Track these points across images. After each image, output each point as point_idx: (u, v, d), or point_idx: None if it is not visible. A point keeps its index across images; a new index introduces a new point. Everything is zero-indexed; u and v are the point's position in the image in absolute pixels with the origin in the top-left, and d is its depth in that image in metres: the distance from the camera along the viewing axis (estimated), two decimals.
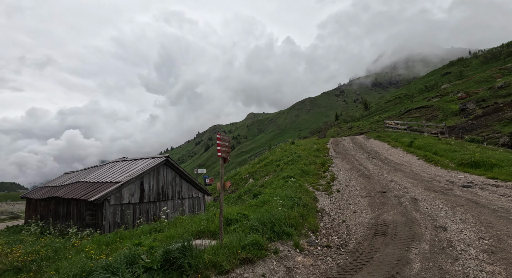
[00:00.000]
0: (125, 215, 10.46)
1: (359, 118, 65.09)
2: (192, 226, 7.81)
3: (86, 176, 14.61)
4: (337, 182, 13.30)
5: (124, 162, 14.24)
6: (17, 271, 6.39)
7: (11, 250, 8.27)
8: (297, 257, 5.77)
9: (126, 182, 10.55)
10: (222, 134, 6.89)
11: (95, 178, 13.25)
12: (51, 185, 17.98)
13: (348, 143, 28.19)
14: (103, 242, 7.42)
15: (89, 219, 10.65)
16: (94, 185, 11.90)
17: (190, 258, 5.11)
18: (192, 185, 13.43)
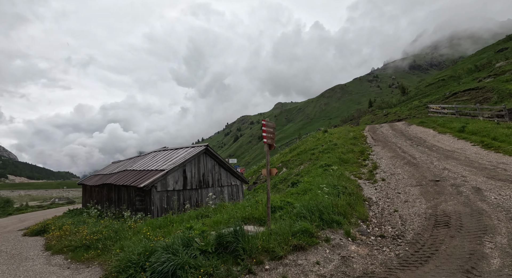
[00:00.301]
0: (170, 201, 11.04)
1: (396, 104, 60.71)
2: (237, 212, 7.95)
3: (132, 165, 15.68)
4: (381, 170, 12.58)
5: (166, 151, 14.97)
6: (86, 248, 7.10)
7: (77, 229, 9.24)
8: (350, 246, 5.55)
9: (171, 170, 11.07)
10: (267, 120, 6.77)
11: (140, 167, 14.15)
12: (102, 173, 19.69)
13: (386, 130, 26.52)
14: (156, 225, 7.90)
15: (139, 204, 11.45)
16: (141, 173, 12.71)
17: (244, 243, 5.17)
18: (230, 173, 13.70)
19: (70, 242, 7.65)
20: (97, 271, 5.77)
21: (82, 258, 6.57)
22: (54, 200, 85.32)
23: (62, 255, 7.25)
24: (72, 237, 8.01)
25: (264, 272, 4.75)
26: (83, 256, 6.67)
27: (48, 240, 9.00)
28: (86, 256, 6.59)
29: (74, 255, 6.93)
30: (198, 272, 4.65)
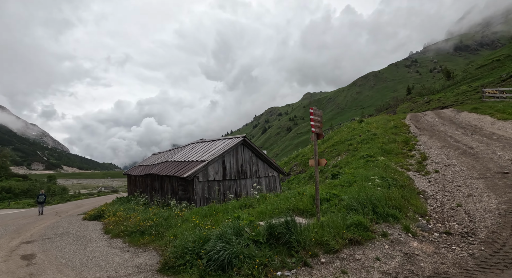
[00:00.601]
0: (212, 191, 11.34)
1: (440, 90, 55.31)
2: (280, 203, 7.85)
3: (172, 156, 16.41)
4: (431, 161, 11.53)
5: (203, 143, 15.37)
6: (141, 233, 7.57)
7: (129, 216, 9.93)
8: (412, 242, 5.12)
9: (211, 161, 11.32)
10: (315, 108, 6.45)
11: (181, 158, 14.73)
12: (144, 164, 21.00)
13: (432, 118, 24.34)
14: (202, 214, 8.14)
15: (181, 193, 11.95)
16: (182, 164, 13.23)
17: (297, 235, 5.04)
18: (268, 164, 13.64)
19: (126, 228, 8.23)
20: (153, 256, 6.10)
21: (138, 243, 7.01)
22: (101, 189, 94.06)
23: (120, 239, 7.83)
24: (127, 223, 8.60)
25: (321, 265, 4.58)
26: (139, 240, 7.12)
27: (106, 224, 9.81)
28: (142, 241, 7.01)
29: (131, 240, 7.43)
30: (253, 262, 4.64)
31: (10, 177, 73.37)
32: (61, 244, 7.71)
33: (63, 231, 9.73)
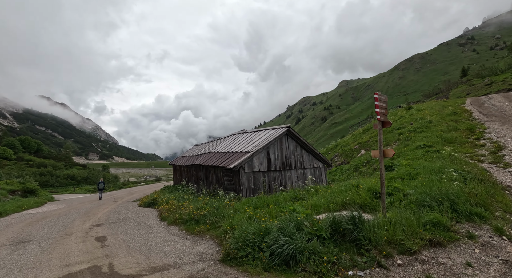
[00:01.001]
0: (257, 182, 11.30)
1: (505, 69, 47.73)
2: (335, 196, 7.41)
3: (215, 147, 16.78)
4: (510, 151, 9.92)
5: (245, 134, 15.37)
6: (195, 222, 7.82)
7: (181, 204, 10.39)
8: (510, 247, 4.35)
9: (256, 152, 11.22)
10: (379, 93, 5.80)
11: (224, 149, 14.96)
12: (188, 154, 21.96)
13: (500, 102, 21.14)
14: (252, 205, 8.09)
15: (227, 184, 12.14)
16: (226, 155, 13.41)
17: (367, 232, 4.61)
18: (313, 155, 13.14)
19: (181, 216, 8.59)
20: (211, 245, 6.20)
21: (195, 231, 7.23)
22: (146, 177, 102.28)
23: (176, 226, 8.19)
24: (181, 212, 8.98)
25: (398, 268, 4.13)
26: (195, 229, 7.34)
27: (161, 212, 10.41)
28: (198, 229, 7.22)
29: (187, 228, 7.71)
30: (320, 259, 4.37)
31: (73, 166, 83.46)
32: (126, 229, 8.34)
33: (124, 217, 10.58)
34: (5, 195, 19.23)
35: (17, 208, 15.26)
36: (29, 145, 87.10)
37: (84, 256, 5.86)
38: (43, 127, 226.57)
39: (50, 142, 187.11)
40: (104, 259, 5.61)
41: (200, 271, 4.75)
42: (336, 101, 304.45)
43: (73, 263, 5.50)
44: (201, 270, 4.81)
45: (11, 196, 19.85)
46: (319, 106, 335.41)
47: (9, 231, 8.83)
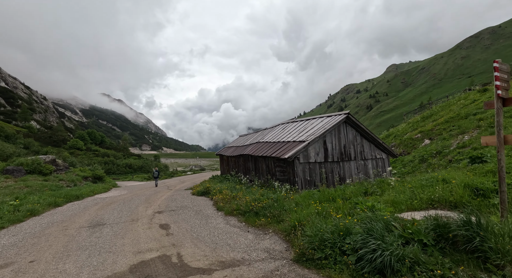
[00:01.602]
0: (313, 173, 10.52)
1: None
2: (420, 192, 6.27)
3: (263, 137, 16.36)
4: None
5: (296, 123, 14.57)
6: (254, 214, 7.46)
7: (235, 194, 10.20)
8: None
9: (312, 141, 10.40)
10: (500, 61, 4.47)
11: (273, 139, 14.42)
12: (235, 145, 22.08)
13: None
14: (315, 198, 7.39)
15: (279, 175, 11.61)
16: (276, 145, 12.85)
17: (495, 242, 3.56)
18: (375, 145, 11.78)
19: (238, 206, 8.33)
20: (276, 240, 5.73)
21: (255, 224, 6.85)
22: (192, 167, 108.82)
23: (235, 217, 7.96)
24: (238, 202, 8.74)
25: None
26: (255, 221, 6.97)
27: (215, 201, 10.39)
28: (258, 222, 6.82)
29: (246, 220, 7.39)
30: (428, 272, 3.50)
31: (129, 156, 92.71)
32: (186, 217, 8.42)
33: (182, 205, 10.85)
34: (79, 180, 21.86)
35: (89, 192, 17.10)
36: (95, 137, 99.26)
37: (153, 244, 5.91)
38: (104, 121, 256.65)
39: (110, 134, 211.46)
40: (171, 249, 5.54)
41: (274, 271, 4.28)
42: (384, 87, 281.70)
43: (144, 250, 5.55)
44: (274, 269, 4.34)
45: (84, 182, 22.53)
46: (364, 94, 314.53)
47: (86, 214, 9.68)
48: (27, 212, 9.41)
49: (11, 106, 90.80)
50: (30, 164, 20.42)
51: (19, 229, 7.68)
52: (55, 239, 6.52)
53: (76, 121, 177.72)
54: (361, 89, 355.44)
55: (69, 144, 76.72)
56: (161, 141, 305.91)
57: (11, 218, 8.47)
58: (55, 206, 11.60)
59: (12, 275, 4.59)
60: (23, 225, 8.10)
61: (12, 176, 18.61)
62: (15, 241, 6.46)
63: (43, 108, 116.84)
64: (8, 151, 33.27)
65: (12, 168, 19.18)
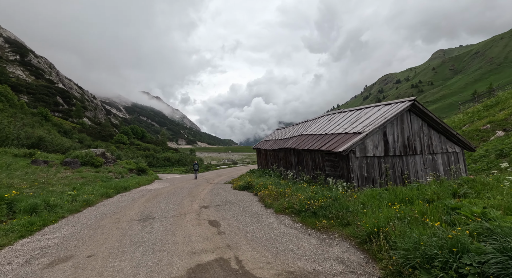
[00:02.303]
0: (371, 169, 9.29)
1: None
2: None
3: (305, 129, 15.32)
4: None
5: (343, 113, 13.26)
6: (312, 214, 6.63)
7: (282, 191, 9.46)
8: None
9: (370, 132, 9.14)
10: None
11: (317, 131, 13.33)
12: (273, 138, 21.34)
13: None
14: (386, 198, 6.29)
15: (329, 170, 10.57)
16: (324, 137, 11.77)
17: None
18: (446, 137, 10.07)
19: (290, 204, 7.58)
20: (348, 248, 4.85)
21: (316, 226, 6.03)
22: (224, 161, 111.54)
23: (287, 217, 7.22)
24: (289, 199, 7.98)
25: None
26: (315, 223, 6.14)
27: (261, 197, 9.77)
28: (319, 224, 5.99)
29: (302, 220, 6.61)
30: None
31: (167, 150, 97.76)
32: (234, 214, 7.92)
33: (226, 200, 10.45)
34: (126, 172, 23.11)
35: (135, 184, 17.83)
36: (136, 132, 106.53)
37: (206, 243, 5.43)
38: (145, 117, 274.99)
39: (150, 129, 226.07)
40: (228, 251, 4.99)
41: None
42: (428, 76, 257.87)
43: (198, 250, 5.09)
44: None
45: (130, 174, 23.79)
46: (405, 84, 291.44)
47: (135, 206, 9.76)
48: (83, 203, 9.79)
49: (67, 105, 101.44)
50: (84, 156, 22.04)
51: (77, 219, 7.88)
52: (110, 232, 6.43)
53: (120, 118, 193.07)
54: (401, 79, 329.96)
55: (115, 138, 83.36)
56: (195, 136, 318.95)
57: (70, 208, 8.81)
58: (106, 197, 12.07)
59: (72, 270, 4.42)
60: (80, 216, 8.33)
61: (70, 167, 20.22)
62: (73, 232, 6.53)
63: (93, 106, 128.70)
64: (66, 145, 36.79)
65: (69, 160, 20.85)
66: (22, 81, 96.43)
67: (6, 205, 7.52)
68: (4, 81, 78.53)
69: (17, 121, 39.25)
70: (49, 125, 61.03)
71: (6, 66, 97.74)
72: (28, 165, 18.56)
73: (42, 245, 5.61)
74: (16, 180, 12.93)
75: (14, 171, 15.41)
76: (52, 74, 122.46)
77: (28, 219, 6.94)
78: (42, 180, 14.86)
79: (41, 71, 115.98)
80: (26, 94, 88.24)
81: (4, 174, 13.83)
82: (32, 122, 50.40)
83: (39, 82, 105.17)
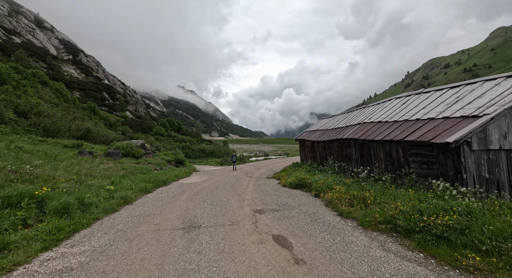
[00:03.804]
0: (495, 168, 6.53)
1: None
2: None
3: (367, 117, 12.63)
4: None
5: (426, 93, 10.30)
6: (437, 238, 4.30)
7: (358, 194, 7.20)
8: None
9: (498, 115, 6.35)
10: None
11: (388, 117, 10.63)
12: (319, 128, 18.83)
13: None
14: None
15: (416, 167, 7.97)
16: (403, 124, 9.10)
17: None
18: None
19: (387, 218, 5.31)
20: None
21: (459, 264, 3.72)
22: (256, 152, 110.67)
23: (387, 237, 4.99)
24: (384, 210, 5.71)
25: None
26: (451, 256, 3.84)
27: (329, 201, 7.62)
28: (466, 262, 3.67)
29: (419, 246, 4.34)
30: None
31: (202, 142, 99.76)
32: (302, 225, 5.93)
33: (281, 201, 8.52)
34: (164, 164, 22.62)
35: (174, 177, 16.91)
36: (173, 124, 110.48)
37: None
38: (180, 111, 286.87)
39: (185, 122, 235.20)
40: None
41: None
42: (486, 58, 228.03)
43: None
44: None
45: (168, 166, 23.29)
46: (455, 69, 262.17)
47: (176, 206, 8.35)
48: (121, 200, 8.66)
49: (112, 100, 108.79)
50: (125, 147, 21.93)
51: (112, 222, 6.61)
52: (147, 248, 4.90)
53: (158, 111, 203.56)
54: (450, 63, 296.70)
55: (154, 130, 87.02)
56: (228, 128, 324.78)
57: (106, 207, 7.65)
58: (146, 192, 11.00)
59: None
60: (116, 217, 7.09)
61: (112, 158, 20.14)
62: (105, 244, 5.14)
63: (134, 101, 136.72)
64: (111, 136, 38.35)
65: (112, 151, 20.81)
66: (74, 78, 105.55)
67: (36, 204, 6.49)
68: (60, 79, 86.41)
69: (69, 115, 42.09)
70: (96, 118, 65.48)
71: (61, 65, 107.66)
72: (75, 155, 18.76)
73: (64, 266, 4.22)
74: (59, 171, 12.52)
75: (60, 162, 15.34)
76: (99, 71, 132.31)
77: (56, 223, 5.77)
78: (85, 171, 14.49)
79: (90, 69, 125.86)
80: (78, 90, 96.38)
81: (50, 165, 13.60)
82: (83, 116, 54.22)
83: (88, 79, 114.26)
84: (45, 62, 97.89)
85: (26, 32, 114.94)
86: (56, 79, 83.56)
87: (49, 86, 64.75)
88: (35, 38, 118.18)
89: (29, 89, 44.36)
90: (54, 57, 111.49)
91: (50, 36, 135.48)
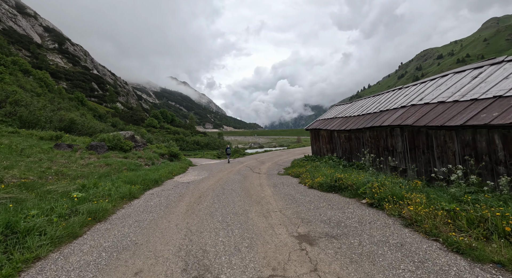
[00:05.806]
0: None
1: None
2: None
3: (416, 97, 9.95)
4: None
5: (482, 68, 7.64)
6: None
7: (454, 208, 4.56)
8: None
9: None
10: None
11: (453, 96, 7.99)
12: (337, 115, 16.10)
13: None
14: None
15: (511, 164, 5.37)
16: (475, 103, 6.47)
17: None
18: None
19: None
20: None
21: None
22: (251, 144, 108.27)
23: None
24: None
25: None
26: None
27: (411, 220, 4.94)
28: None
29: None
30: None
31: (196, 134, 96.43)
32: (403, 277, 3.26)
33: (328, 217, 5.82)
34: (157, 158, 19.72)
35: (168, 174, 14.15)
36: (166, 116, 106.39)
37: None
38: (173, 102, 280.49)
39: (178, 114, 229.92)
40: None
41: None
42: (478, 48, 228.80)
43: None
44: None
45: (161, 160, 20.41)
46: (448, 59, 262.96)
47: (172, 225, 5.58)
48: (88, 217, 5.83)
49: (101, 91, 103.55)
50: (111, 139, 18.87)
51: (58, 271, 3.81)
52: None
53: (150, 103, 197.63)
54: (443, 54, 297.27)
55: (146, 122, 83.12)
56: (222, 120, 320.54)
57: (59, 234, 4.74)
58: (129, 198, 8.19)
59: None
60: (70, 254, 4.28)
61: (96, 152, 17.12)
62: None
63: (125, 92, 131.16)
64: (99, 128, 34.88)
65: (95, 144, 17.75)
66: (60, 68, 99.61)
67: None
68: (44, 68, 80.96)
69: (53, 105, 38.27)
70: (84, 109, 61.36)
71: (46, 54, 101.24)
72: (51, 149, 15.67)
73: None
74: (15, 171, 9.53)
75: (25, 158, 12.29)
76: (87, 61, 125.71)
77: None
78: (56, 169, 11.53)
79: (77, 58, 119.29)
80: (64, 81, 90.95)
81: (6, 162, 10.55)
82: (69, 106, 50.20)
83: (75, 69, 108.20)
84: (28, 50, 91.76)
85: (7, 18, 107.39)
86: (40, 68, 78.21)
87: (32, 75, 60.08)
88: (17, 25, 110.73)
89: (6, 76, 40.20)
90: (39, 45, 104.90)
91: (34, 23, 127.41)
